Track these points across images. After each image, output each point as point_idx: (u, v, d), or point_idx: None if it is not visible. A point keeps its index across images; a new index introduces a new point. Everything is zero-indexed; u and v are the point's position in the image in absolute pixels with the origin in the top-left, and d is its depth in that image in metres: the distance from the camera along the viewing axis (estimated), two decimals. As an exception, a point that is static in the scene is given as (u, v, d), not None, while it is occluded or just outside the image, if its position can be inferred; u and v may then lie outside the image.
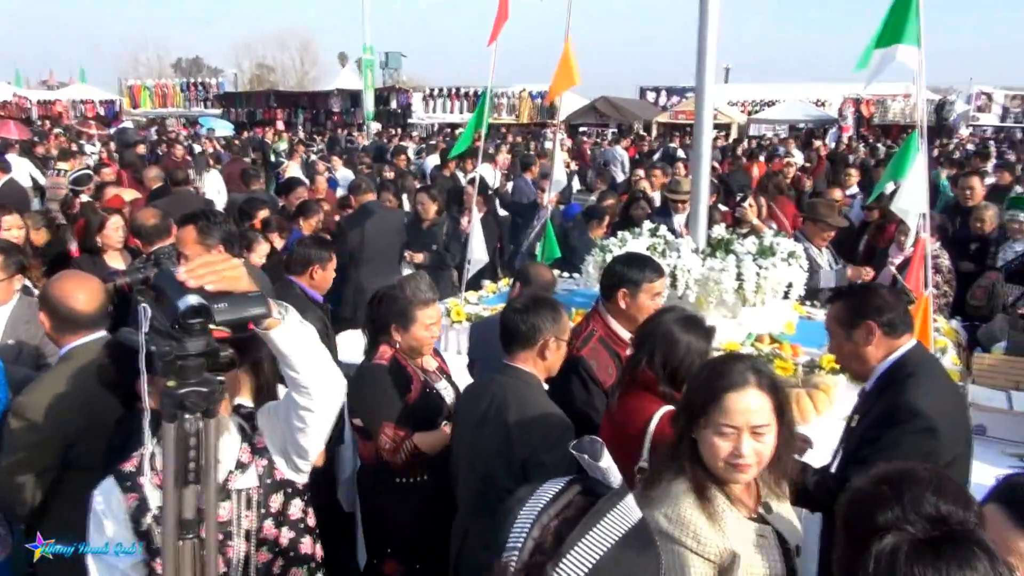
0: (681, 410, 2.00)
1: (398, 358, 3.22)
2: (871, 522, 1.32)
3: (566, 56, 5.76)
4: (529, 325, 2.73)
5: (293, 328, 1.78)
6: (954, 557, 1.24)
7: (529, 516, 1.15)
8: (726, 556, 1.88)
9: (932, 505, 1.32)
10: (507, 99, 31.52)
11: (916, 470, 1.43)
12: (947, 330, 4.92)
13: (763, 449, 1.92)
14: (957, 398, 2.73)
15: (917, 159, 4.14)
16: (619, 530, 1.12)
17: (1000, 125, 26.05)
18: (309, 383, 1.89)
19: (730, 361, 2.00)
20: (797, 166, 12.41)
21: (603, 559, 1.08)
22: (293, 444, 2.06)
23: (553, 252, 6.42)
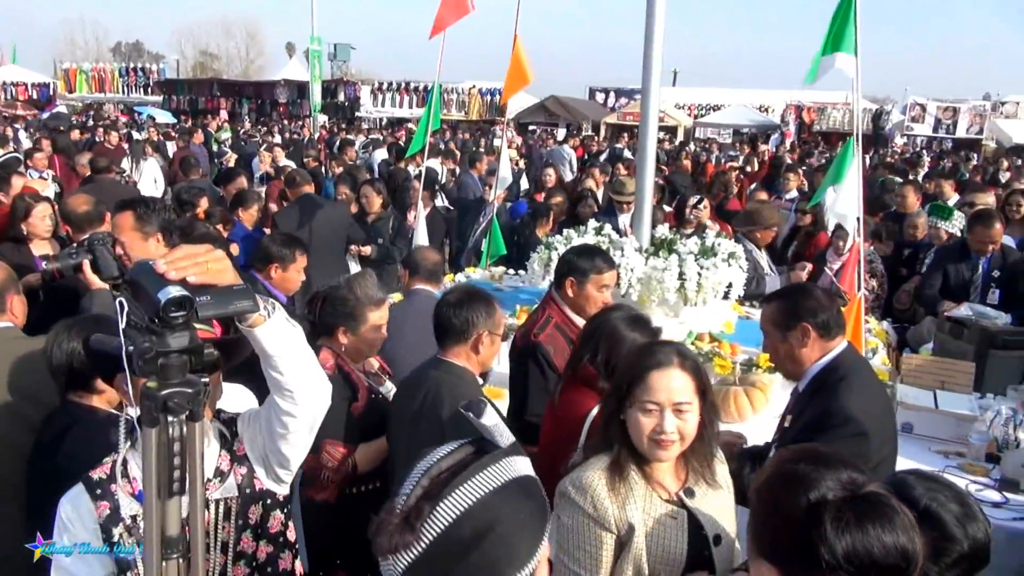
0: (611, 393, 2.05)
1: (342, 365, 3.04)
2: (804, 498, 1.40)
3: (516, 56, 5.77)
4: (462, 319, 2.72)
5: (280, 326, 1.69)
6: (885, 507, 1.38)
7: (422, 469, 1.21)
8: (623, 526, 1.93)
9: (845, 474, 1.42)
10: (456, 95, 31.45)
11: (820, 449, 1.53)
12: (878, 331, 5.09)
13: (685, 427, 1.97)
14: (885, 401, 2.81)
15: (852, 165, 4.27)
16: (497, 481, 1.17)
17: (932, 135, 27.06)
18: (294, 386, 1.80)
19: (656, 344, 2.09)
20: (739, 169, 12.68)
21: (476, 504, 1.13)
22: (274, 452, 1.96)
23: (499, 249, 6.43)
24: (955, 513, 1.68)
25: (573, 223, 6.16)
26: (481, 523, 1.13)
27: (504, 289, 5.92)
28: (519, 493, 1.19)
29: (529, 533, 1.18)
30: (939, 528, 1.66)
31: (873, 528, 1.35)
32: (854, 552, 1.34)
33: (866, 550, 1.34)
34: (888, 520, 1.36)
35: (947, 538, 1.65)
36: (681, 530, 1.98)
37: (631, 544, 1.93)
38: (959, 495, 1.75)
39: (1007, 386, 4.32)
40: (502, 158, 6.79)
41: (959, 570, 1.65)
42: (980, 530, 1.67)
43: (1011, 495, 3.51)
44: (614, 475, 1.97)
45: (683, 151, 18.16)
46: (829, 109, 27.35)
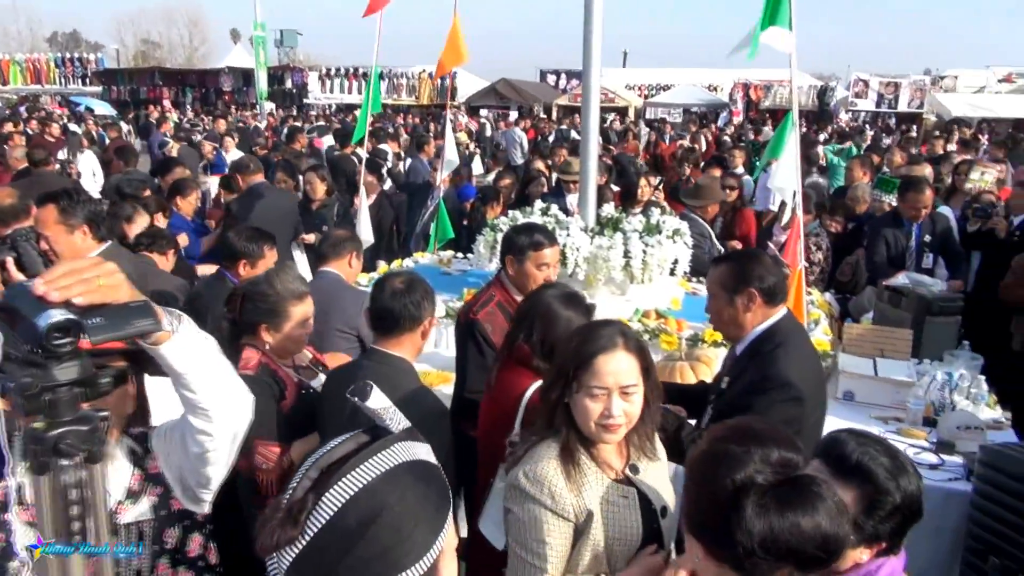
0: (554, 377, 2.01)
1: (267, 363, 2.88)
2: (731, 481, 1.38)
3: (454, 33, 5.70)
4: (416, 305, 2.63)
5: (188, 341, 1.53)
6: (810, 493, 1.36)
7: (311, 460, 1.16)
8: (582, 514, 1.93)
9: (776, 454, 1.41)
10: (407, 80, 31.12)
11: (754, 426, 1.50)
12: (821, 302, 5.17)
13: (631, 409, 1.97)
14: (818, 367, 2.87)
15: (790, 139, 4.31)
16: (385, 466, 1.12)
17: (876, 110, 27.64)
18: (209, 404, 1.64)
19: (598, 326, 2.04)
20: (687, 147, 12.79)
21: (361, 491, 1.08)
22: (192, 472, 1.80)
23: (446, 233, 6.38)
24: (886, 466, 1.70)
25: (523, 204, 6.15)
26: (366, 511, 1.08)
27: (453, 273, 5.89)
28: (410, 477, 1.14)
29: (424, 519, 1.13)
30: (872, 482, 1.68)
31: (793, 514, 1.33)
32: (770, 538, 1.32)
33: (783, 536, 1.32)
34: (811, 506, 1.34)
35: (880, 491, 1.67)
36: (633, 508, 2.00)
37: (589, 529, 1.93)
38: (889, 449, 1.77)
39: (943, 351, 4.43)
40: (447, 141, 6.72)
41: (894, 523, 1.67)
42: (912, 483, 1.69)
43: (947, 456, 3.61)
44: (567, 463, 1.95)
45: (629, 131, 18.23)
46: (775, 87, 27.71)
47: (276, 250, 4.18)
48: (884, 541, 1.68)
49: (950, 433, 3.69)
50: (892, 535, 1.68)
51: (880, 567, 1.69)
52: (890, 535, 1.68)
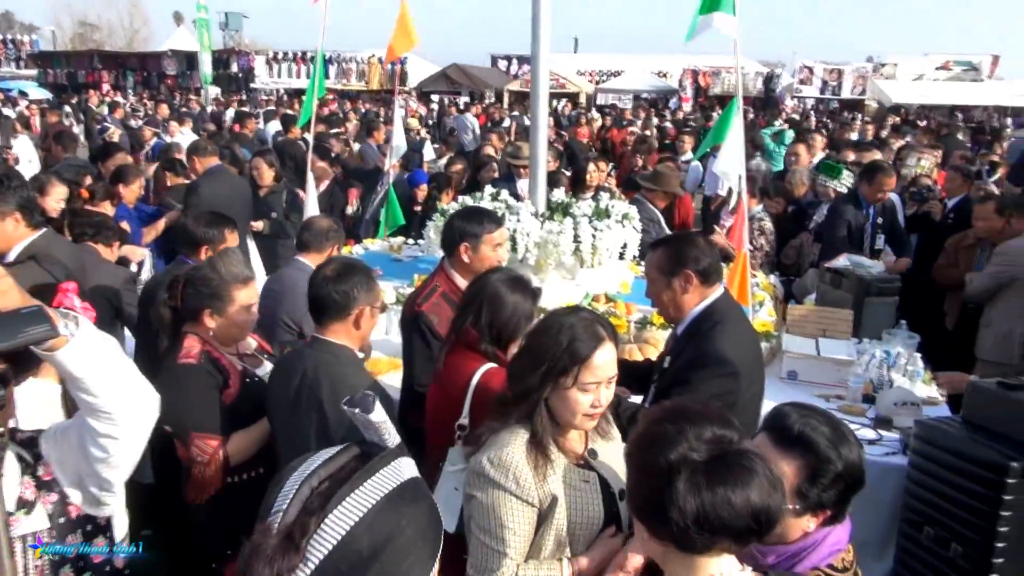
0: (542, 375, 1.99)
1: (210, 351, 2.83)
2: (665, 460, 1.40)
3: (403, 18, 5.64)
4: (342, 294, 2.60)
5: (87, 344, 1.49)
6: (741, 467, 1.39)
7: (298, 479, 1.09)
8: (546, 500, 1.95)
9: (709, 431, 1.43)
10: (356, 64, 30.68)
11: (688, 406, 1.53)
12: (765, 285, 5.28)
13: (611, 395, 2.04)
14: (755, 344, 2.95)
15: (734, 124, 4.37)
16: (387, 487, 1.08)
17: (820, 97, 28.24)
18: (111, 408, 1.59)
19: (583, 322, 2.04)
20: (639, 135, 12.90)
21: (370, 513, 1.04)
22: (92, 476, 1.72)
23: (396, 219, 6.33)
24: (827, 436, 1.73)
25: (474, 190, 6.13)
26: (379, 535, 1.03)
27: (403, 259, 5.85)
28: (414, 497, 1.11)
29: (429, 539, 1.11)
30: (813, 451, 1.72)
31: (724, 490, 1.35)
32: (702, 513, 1.35)
33: (714, 512, 1.34)
34: (741, 481, 1.36)
35: (821, 460, 1.71)
36: (595, 492, 2.03)
37: (552, 515, 1.95)
38: (830, 420, 1.81)
39: (881, 331, 4.57)
40: (396, 127, 6.65)
41: (837, 490, 1.71)
42: (852, 452, 1.73)
43: (884, 432, 3.73)
44: (535, 451, 1.97)
45: (581, 117, 18.30)
46: (724, 73, 28.07)
47: (237, 234, 4.10)
48: (829, 509, 1.72)
49: (888, 409, 3.81)
50: (836, 503, 1.71)
51: (826, 536, 1.73)
52: (834, 503, 1.71)
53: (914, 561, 3.15)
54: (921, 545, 3.11)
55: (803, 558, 1.70)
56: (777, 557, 1.72)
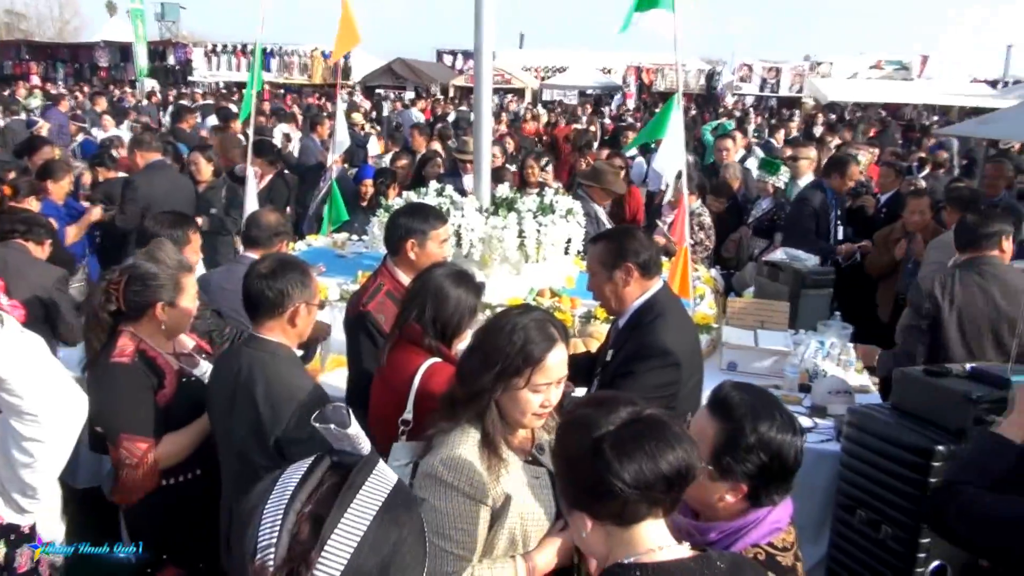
0: (494, 377, 1.98)
1: (145, 351, 2.75)
2: (589, 440, 1.44)
3: (346, 14, 5.56)
4: (276, 292, 2.55)
5: (10, 345, 1.44)
6: (656, 427, 1.46)
7: (279, 507, 1.03)
8: (499, 499, 1.95)
9: (622, 410, 1.49)
10: (299, 58, 30.16)
11: (599, 394, 1.61)
12: (706, 278, 5.39)
13: (559, 395, 2.06)
14: (693, 334, 3.04)
15: (674, 119, 4.44)
16: (378, 499, 1.05)
17: (759, 94, 28.86)
18: (38, 409, 1.54)
19: (536, 322, 2.04)
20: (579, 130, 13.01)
21: (368, 532, 1.01)
22: (15, 481, 1.66)
23: (340, 215, 6.26)
24: (747, 405, 1.76)
25: (419, 185, 6.10)
26: (384, 549, 1.01)
27: (347, 255, 5.79)
28: (405, 502, 1.10)
29: (421, 549, 1.11)
30: (730, 417, 1.75)
31: (650, 446, 1.42)
32: (639, 472, 1.40)
33: (649, 468, 1.40)
34: (662, 435, 1.44)
35: (735, 426, 1.74)
36: (545, 488, 2.04)
37: (505, 513, 1.95)
38: (763, 397, 1.83)
39: (817, 322, 4.71)
40: (339, 122, 6.57)
41: (751, 465, 1.72)
42: (772, 431, 1.73)
43: (819, 420, 3.85)
44: (487, 450, 1.97)
45: (527, 113, 18.36)
46: (667, 70, 28.46)
47: (198, 233, 4.00)
48: (744, 483, 1.73)
49: (822, 398, 3.93)
50: (752, 478, 1.73)
51: (767, 515, 1.76)
52: (749, 478, 1.73)
53: (847, 544, 3.27)
54: (854, 528, 3.22)
55: (743, 535, 1.73)
56: (719, 534, 1.76)
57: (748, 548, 1.72)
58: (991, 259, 4.01)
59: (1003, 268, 4.01)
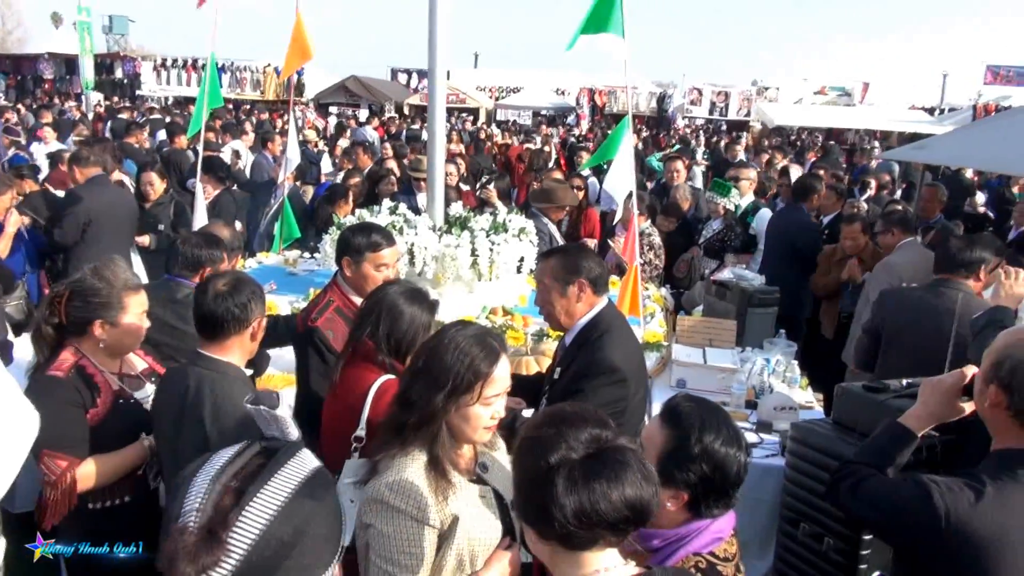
0: (446, 396, 1.97)
1: (84, 366, 2.68)
2: (546, 463, 1.44)
3: (298, 30, 5.56)
4: (242, 307, 2.53)
5: None
6: (615, 462, 1.43)
7: (206, 480, 1.11)
8: (447, 521, 1.95)
9: (585, 432, 1.48)
10: (251, 73, 29.87)
11: (566, 409, 1.58)
12: (656, 297, 5.48)
13: (503, 405, 2.07)
14: (638, 350, 3.09)
15: (625, 141, 4.54)
16: (297, 477, 1.12)
17: (708, 117, 29.53)
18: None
19: (476, 336, 2.05)
20: (534, 150, 13.16)
21: (285, 504, 1.07)
22: None
23: (292, 232, 6.21)
24: (695, 416, 1.81)
25: (373, 203, 6.09)
26: (298, 519, 1.07)
27: (299, 273, 5.75)
28: (322, 487, 1.15)
29: (336, 527, 1.15)
30: (677, 425, 1.80)
31: (600, 485, 1.40)
32: (581, 509, 1.39)
33: (592, 507, 1.39)
34: (616, 475, 1.41)
35: (681, 435, 1.78)
36: (491, 506, 2.04)
37: (453, 534, 1.94)
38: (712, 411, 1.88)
39: (763, 339, 4.82)
40: (290, 139, 6.54)
41: (694, 474, 1.76)
42: (715, 442, 1.78)
43: (765, 435, 3.94)
44: (434, 472, 1.96)
45: (480, 132, 18.47)
46: (619, 92, 28.94)
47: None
48: (685, 492, 1.77)
49: (768, 414, 4.02)
50: (692, 488, 1.77)
51: (709, 525, 1.80)
52: (690, 487, 1.77)
53: (792, 556, 3.33)
54: (798, 541, 3.29)
55: (685, 544, 1.76)
56: (662, 541, 1.79)
57: (689, 556, 1.75)
58: (958, 284, 3.97)
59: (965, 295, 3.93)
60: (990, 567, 1.89)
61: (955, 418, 2.21)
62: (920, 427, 2.25)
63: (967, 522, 1.91)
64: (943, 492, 1.96)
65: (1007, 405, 1.96)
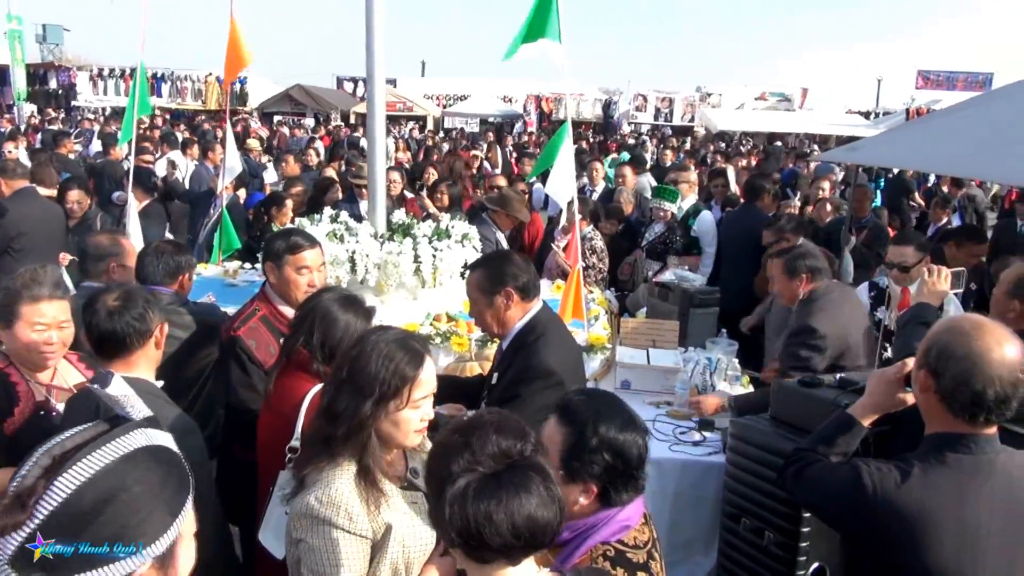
0: (375, 403, 1.95)
1: (9, 373, 2.62)
2: (447, 471, 1.42)
3: (233, 36, 5.46)
4: (140, 318, 2.45)
5: None
6: (512, 484, 1.39)
7: (43, 449, 1.12)
8: (380, 530, 1.92)
9: (494, 444, 1.45)
10: (192, 83, 29.33)
11: (483, 416, 1.57)
12: (600, 300, 5.52)
13: (431, 405, 2.07)
14: (575, 350, 3.12)
15: (564, 147, 4.57)
16: (124, 450, 1.11)
17: (654, 123, 30.01)
18: None
19: (398, 341, 2.03)
20: (481, 158, 13.18)
21: (99, 472, 1.07)
22: None
23: (232, 243, 6.09)
24: (590, 409, 1.83)
25: (315, 211, 6.00)
26: (103, 491, 1.07)
27: (239, 284, 5.63)
28: (151, 461, 1.14)
29: (163, 500, 1.13)
30: (573, 421, 1.82)
31: (486, 505, 1.36)
32: (464, 528, 1.37)
33: (475, 527, 1.36)
34: (510, 497, 1.37)
35: (578, 430, 1.80)
36: (424, 511, 2.01)
37: (387, 543, 1.92)
38: (605, 399, 1.92)
39: (704, 339, 4.89)
40: (229, 147, 6.42)
41: (597, 466, 1.77)
42: (611, 431, 1.80)
43: (708, 433, 3.99)
44: (364, 482, 1.93)
45: (428, 140, 18.43)
46: (565, 99, 29.20)
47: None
48: (594, 484, 1.78)
49: (710, 412, 4.07)
50: (600, 479, 1.78)
51: (616, 513, 1.81)
52: (598, 478, 1.78)
53: (734, 552, 3.38)
54: (739, 536, 3.34)
55: (593, 533, 1.77)
56: (571, 533, 1.79)
57: (598, 545, 1.76)
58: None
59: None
60: (918, 544, 1.95)
61: (899, 408, 2.27)
62: (865, 416, 2.30)
63: (893, 501, 1.98)
64: (872, 473, 2.03)
65: (935, 389, 2.02)
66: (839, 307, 4.00)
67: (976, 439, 2.00)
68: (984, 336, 1.97)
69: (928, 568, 1.95)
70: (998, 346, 1.95)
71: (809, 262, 4.03)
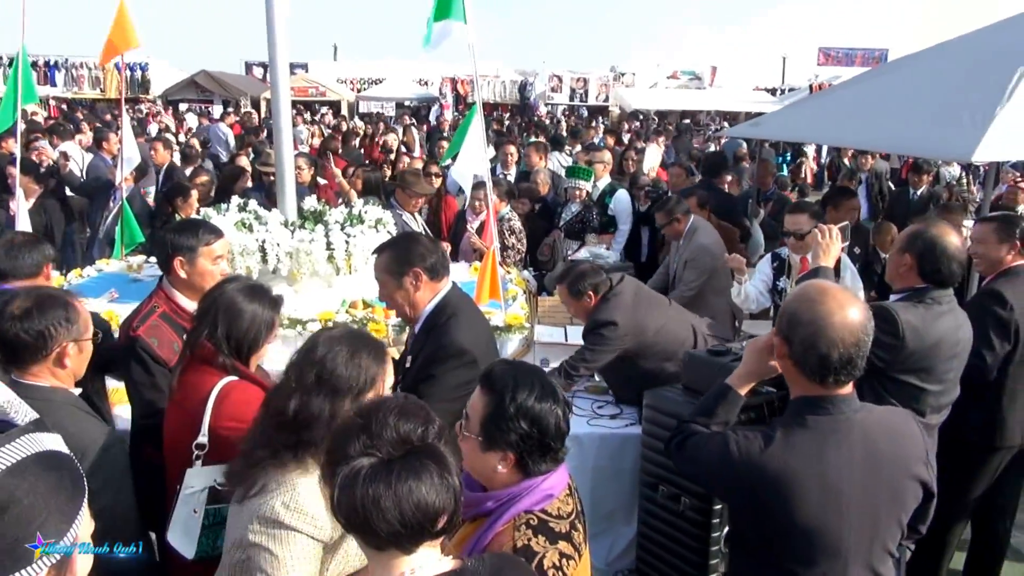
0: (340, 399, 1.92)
1: None
2: (343, 453, 1.39)
3: (121, 15, 5.19)
4: (35, 334, 2.29)
5: None
6: (405, 470, 1.36)
7: None
8: (337, 531, 1.89)
9: (393, 428, 1.42)
10: (89, 71, 27.88)
11: (386, 400, 1.55)
12: (518, 280, 5.55)
13: None
14: (487, 329, 3.15)
15: (473, 129, 4.56)
16: (13, 458, 1.07)
17: (570, 104, 30.22)
18: None
19: (359, 338, 2.04)
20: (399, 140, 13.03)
21: None
22: None
23: (135, 236, 5.84)
24: (508, 377, 1.85)
25: (222, 201, 5.81)
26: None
27: (144, 279, 5.41)
28: (39, 468, 1.09)
29: (56, 509, 1.09)
30: (493, 390, 1.84)
31: (374, 489, 1.33)
32: (351, 512, 1.34)
33: (361, 512, 1.33)
34: (401, 483, 1.34)
35: (497, 398, 1.82)
36: None
37: (342, 542, 1.90)
38: (525, 368, 1.96)
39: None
40: (126, 137, 6.13)
41: (515, 435, 1.79)
42: (529, 399, 1.81)
43: (625, 407, 4.09)
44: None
45: (342, 124, 18.09)
46: (475, 80, 29.07)
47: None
48: (512, 453, 1.80)
49: (626, 385, 4.16)
50: (518, 448, 1.80)
51: (540, 483, 1.82)
52: (513, 447, 1.80)
53: (653, 519, 3.48)
54: (657, 503, 3.44)
55: (516, 502, 1.79)
56: (495, 502, 1.81)
57: (521, 514, 1.78)
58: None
59: None
60: (785, 504, 2.05)
61: (772, 375, 2.36)
62: (741, 385, 2.39)
63: (757, 465, 2.07)
64: (739, 441, 2.13)
65: (788, 355, 2.12)
66: (632, 303, 4.07)
67: (833, 400, 2.10)
68: (827, 301, 2.07)
69: (797, 526, 2.05)
70: (840, 310, 2.05)
71: (589, 280, 4.05)
